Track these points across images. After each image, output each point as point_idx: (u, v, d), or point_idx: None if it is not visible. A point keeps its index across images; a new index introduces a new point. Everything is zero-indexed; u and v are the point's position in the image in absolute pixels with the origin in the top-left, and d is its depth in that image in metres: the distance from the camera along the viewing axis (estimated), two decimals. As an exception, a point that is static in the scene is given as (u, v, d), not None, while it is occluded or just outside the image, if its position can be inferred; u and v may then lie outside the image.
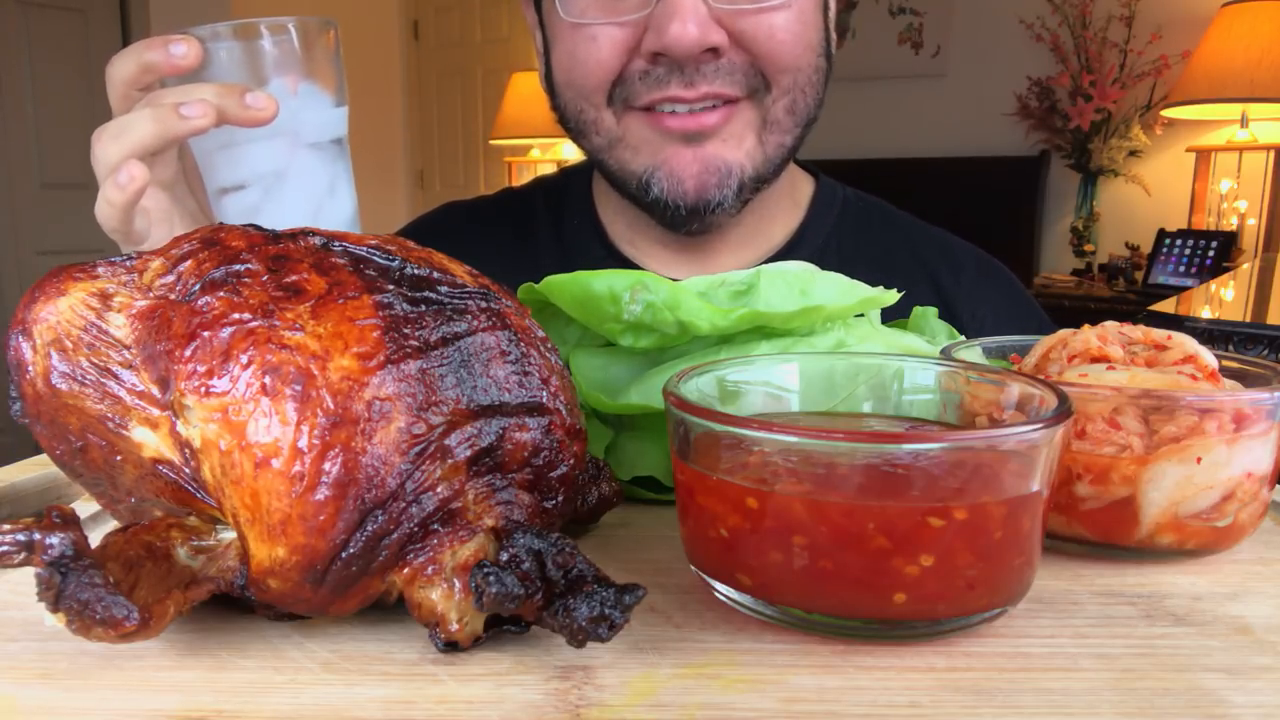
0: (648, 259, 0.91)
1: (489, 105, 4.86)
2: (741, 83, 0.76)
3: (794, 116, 0.80)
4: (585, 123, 0.81)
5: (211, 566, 0.34)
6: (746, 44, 0.75)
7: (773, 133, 0.79)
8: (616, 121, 0.79)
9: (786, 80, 0.77)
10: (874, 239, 0.94)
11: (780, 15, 0.75)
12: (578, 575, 0.33)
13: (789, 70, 0.77)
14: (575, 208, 0.96)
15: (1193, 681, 0.32)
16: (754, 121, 0.78)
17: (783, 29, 0.75)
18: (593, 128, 0.81)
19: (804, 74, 0.78)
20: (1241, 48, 2.96)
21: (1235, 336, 1.68)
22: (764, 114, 0.78)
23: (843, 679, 0.33)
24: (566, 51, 0.79)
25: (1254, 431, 0.42)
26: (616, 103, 0.78)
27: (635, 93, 0.77)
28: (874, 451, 0.34)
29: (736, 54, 0.75)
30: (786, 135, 0.80)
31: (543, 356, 0.38)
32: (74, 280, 0.38)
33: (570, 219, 0.96)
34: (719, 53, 0.74)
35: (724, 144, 0.78)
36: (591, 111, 0.80)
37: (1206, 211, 3.56)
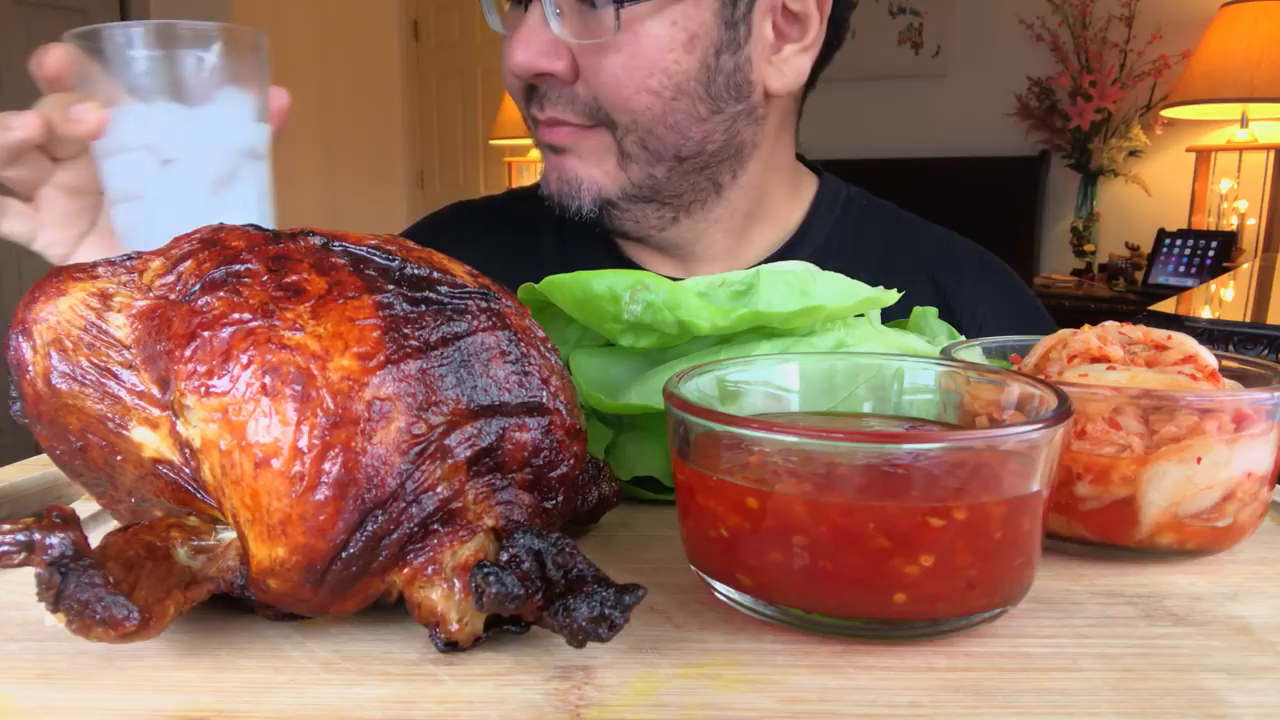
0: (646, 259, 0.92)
1: (489, 105, 4.86)
2: (583, 113, 0.80)
3: (649, 153, 0.81)
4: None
5: (211, 566, 0.34)
6: (585, 77, 0.79)
7: (634, 163, 0.82)
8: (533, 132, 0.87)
9: (624, 118, 0.79)
10: (876, 238, 0.94)
11: (611, 57, 0.77)
12: (578, 575, 0.33)
13: (622, 110, 0.79)
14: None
15: (1193, 681, 0.32)
16: (611, 147, 0.81)
17: (607, 72, 0.77)
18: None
19: (644, 115, 0.79)
20: (1241, 48, 2.96)
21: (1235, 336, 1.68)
22: (618, 144, 0.81)
23: (843, 679, 0.33)
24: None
25: (1254, 431, 0.42)
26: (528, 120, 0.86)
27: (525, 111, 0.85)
28: (874, 451, 0.34)
29: (582, 86, 0.79)
30: (653, 167, 0.82)
31: (543, 356, 0.38)
32: (74, 280, 0.38)
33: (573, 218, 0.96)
34: (565, 79, 0.78)
35: (580, 160, 0.83)
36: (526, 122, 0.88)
37: (1206, 211, 3.56)
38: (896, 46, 4.16)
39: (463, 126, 5.09)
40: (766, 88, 0.83)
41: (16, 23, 3.29)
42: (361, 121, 4.72)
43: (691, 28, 0.78)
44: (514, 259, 0.96)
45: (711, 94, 0.81)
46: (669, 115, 0.80)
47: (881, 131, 4.19)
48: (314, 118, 4.41)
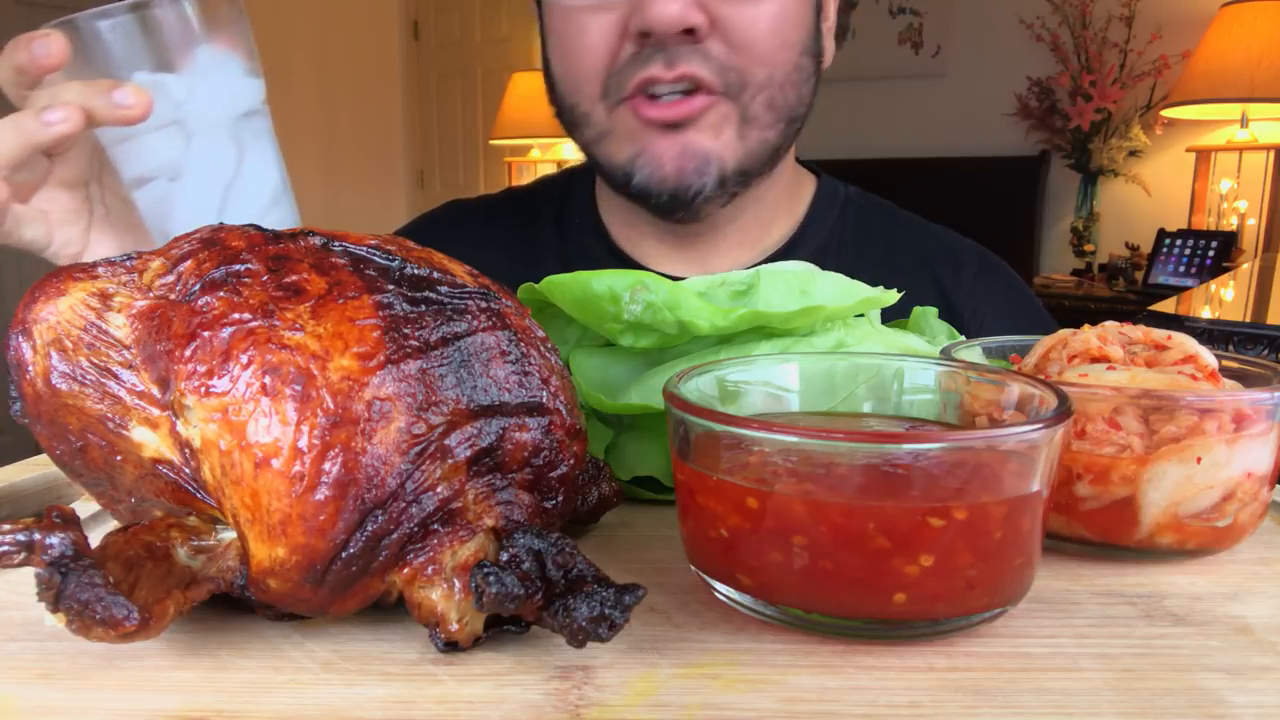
0: (647, 256, 0.91)
1: (489, 105, 4.86)
2: (717, 72, 0.77)
3: (774, 112, 0.80)
4: (579, 115, 0.83)
5: (211, 566, 0.34)
6: (725, 32, 0.76)
7: (753, 127, 0.80)
8: (606, 115, 0.81)
9: (762, 74, 0.78)
10: (875, 237, 0.94)
11: (761, 8, 0.76)
12: (578, 575, 0.33)
13: (764, 64, 0.77)
14: (577, 206, 0.97)
15: (1193, 681, 0.32)
16: (732, 116, 0.79)
17: (763, 21, 0.76)
18: (585, 120, 0.83)
19: (781, 70, 0.79)
20: (1241, 48, 2.96)
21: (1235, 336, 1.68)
22: (742, 109, 0.79)
23: (843, 679, 0.33)
24: (560, 43, 0.82)
25: (1254, 431, 0.42)
26: (609, 96, 0.80)
27: (623, 80, 0.78)
28: (874, 451, 0.34)
29: (715, 43, 0.76)
30: (768, 130, 0.81)
31: (543, 356, 0.38)
32: (74, 280, 0.38)
33: (572, 218, 0.96)
34: (698, 36, 0.75)
35: (702, 133, 0.79)
36: (585, 104, 0.82)
37: (1206, 211, 3.56)
38: (896, 46, 4.16)
39: (463, 126, 5.09)
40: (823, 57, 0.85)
41: (16, 23, 3.29)
42: (361, 121, 4.72)
43: None
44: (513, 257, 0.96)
45: (814, 52, 0.82)
46: (796, 71, 0.80)
47: (881, 131, 4.19)
48: (314, 118, 4.41)
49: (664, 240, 0.91)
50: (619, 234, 0.93)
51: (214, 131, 0.59)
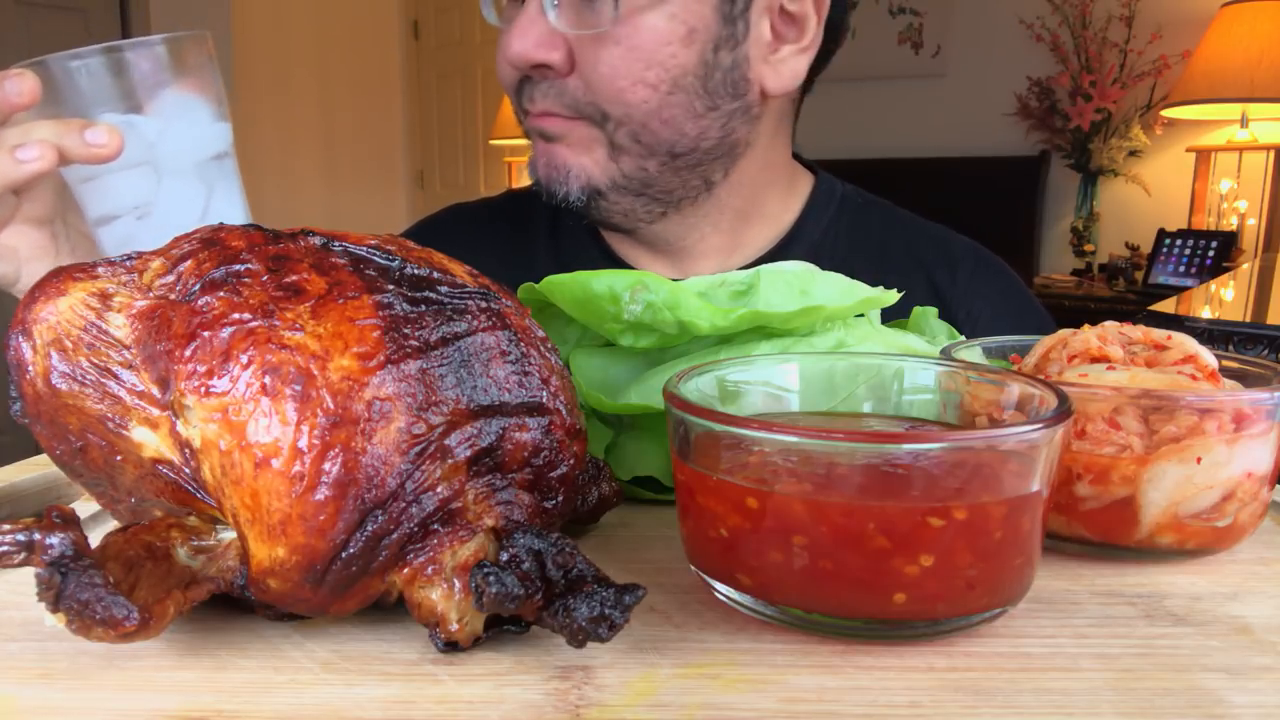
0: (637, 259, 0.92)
1: (489, 105, 4.86)
2: (573, 107, 0.79)
3: (642, 146, 0.81)
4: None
5: (211, 566, 0.34)
6: (581, 70, 0.78)
7: (625, 155, 0.81)
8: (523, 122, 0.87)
9: (617, 111, 0.79)
10: (871, 235, 0.94)
11: (606, 50, 0.77)
12: (578, 575, 0.33)
13: (616, 102, 0.78)
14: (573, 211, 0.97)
15: (1193, 681, 0.32)
16: (600, 139, 0.81)
17: (605, 64, 0.77)
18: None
19: (638, 110, 0.79)
20: (1241, 48, 2.96)
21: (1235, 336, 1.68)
22: (609, 137, 0.81)
23: (843, 679, 0.33)
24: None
25: (1254, 431, 0.42)
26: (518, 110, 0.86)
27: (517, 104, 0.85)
28: (874, 451, 0.34)
29: (574, 79, 0.79)
30: (645, 160, 0.82)
31: (543, 356, 0.38)
32: (74, 280, 0.38)
33: (567, 220, 0.96)
34: (557, 71, 0.78)
35: (569, 148, 0.82)
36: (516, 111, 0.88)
37: (1206, 211, 3.56)
38: (896, 46, 4.16)
39: (463, 126, 5.09)
40: (763, 87, 0.83)
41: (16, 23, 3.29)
42: (361, 121, 4.72)
43: (691, 21, 0.77)
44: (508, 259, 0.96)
45: (708, 90, 0.81)
46: (664, 110, 0.79)
47: (881, 131, 4.19)
48: (314, 118, 4.41)
49: (645, 249, 0.92)
50: (611, 236, 0.94)
51: (183, 173, 0.60)
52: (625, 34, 0.76)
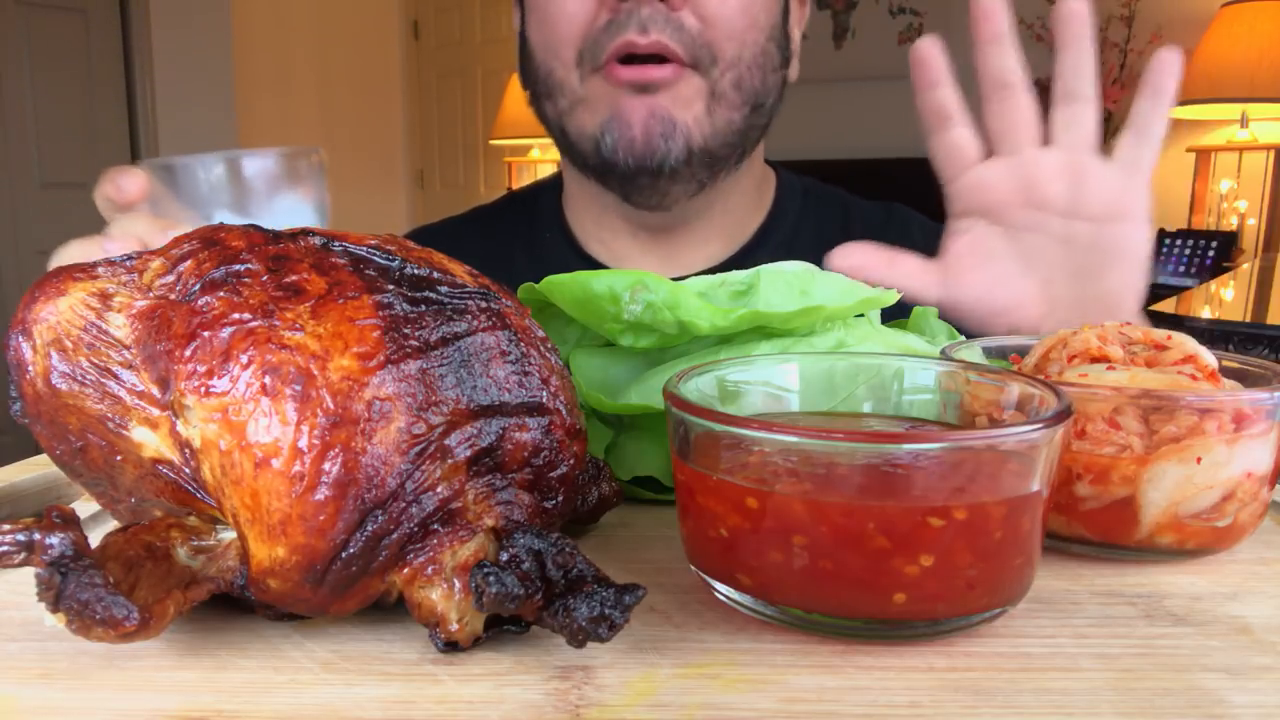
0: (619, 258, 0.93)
1: (489, 105, 4.86)
2: (689, 44, 0.79)
3: (740, 93, 0.82)
4: (553, 84, 0.84)
5: (211, 566, 0.34)
6: (696, 5, 0.78)
7: (720, 105, 0.81)
8: (580, 83, 0.82)
9: (730, 51, 0.80)
10: (834, 222, 0.98)
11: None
12: (578, 575, 0.33)
13: (732, 40, 0.79)
14: (546, 220, 0.99)
15: (1193, 681, 0.32)
16: (702, 90, 0.81)
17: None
18: (559, 89, 0.84)
19: (749, 50, 0.81)
20: (1241, 48, 2.96)
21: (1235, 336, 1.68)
22: (711, 84, 0.81)
23: (843, 679, 0.33)
24: (540, 12, 0.84)
25: (1254, 431, 0.42)
26: (584, 64, 0.81)
27: (598, 48, 0.80)
28: (874, 451, 0.34)
29: (688, 15, 0.78)
30: (734, 112, 0.82)
31: (543, 356, 0.38)
32: (74, 280, 0.38)
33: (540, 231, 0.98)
34: (672, 3, 0.78)
35: (672, 101, 0.80)
36: (560, 71, 0.83)
37: (1206, 211, 3.56)
38: (896, 46, 4.16)
39: (463, 126, 5.09)
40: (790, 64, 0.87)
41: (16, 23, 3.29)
42: (361, 121, 4.72)
43: None
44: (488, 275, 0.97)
45: (780, 44, 0.85)
46: (762, 56, 0.82)
47: (881, 131, 4.18)
48: (314, 118, 4.41)
49: (636, 236, 0.92)
50: (589, 239, 0.95)
51: None
52: None
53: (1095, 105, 0.69)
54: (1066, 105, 0.69)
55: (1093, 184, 0.69)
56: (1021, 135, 0.69)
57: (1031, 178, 0.70)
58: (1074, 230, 0.70)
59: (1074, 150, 0.69)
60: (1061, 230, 0.70)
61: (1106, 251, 0.69)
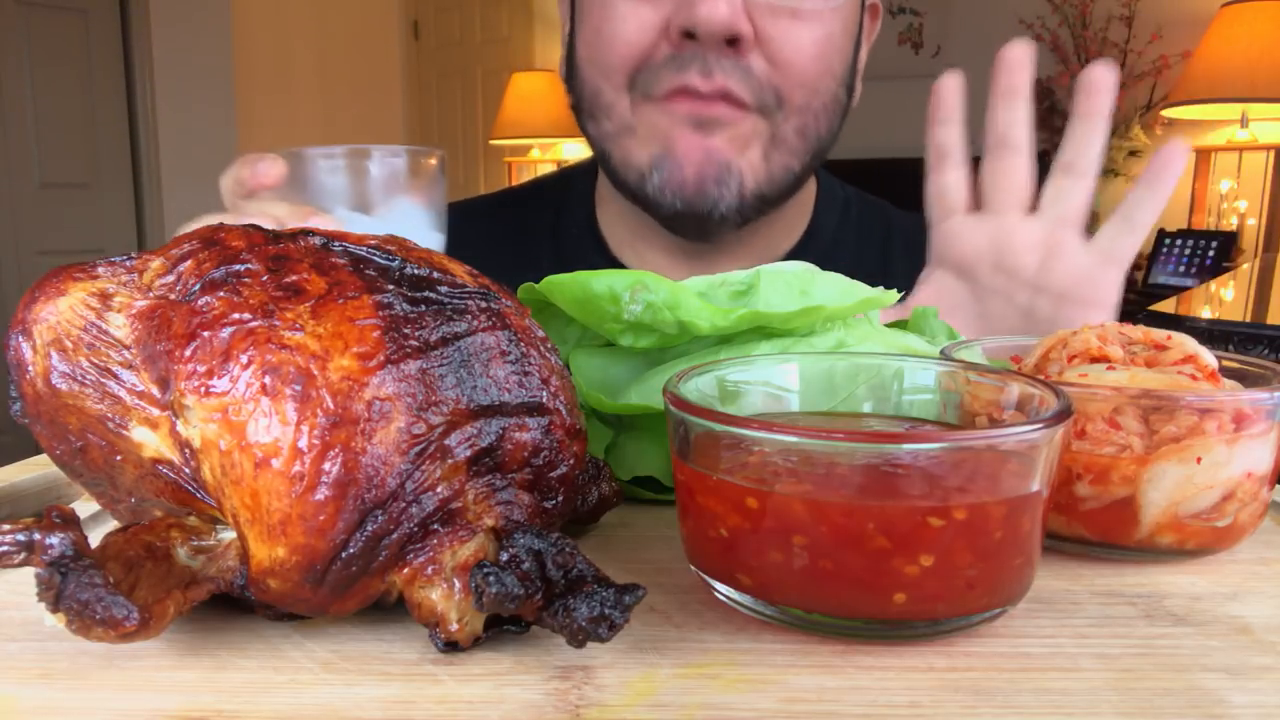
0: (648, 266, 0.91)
1: (489, 105, 4.86)
2: (755, 91, 0.74)
3: (804, 141, 0.78)
4: (600, 105, 0.79)
5: (211, 566, 0.34)
6: (770, 48, 0.74)
7: (780, 152, 0.77)
8: (631, 109, 0.78)
9: (800, 98, 0.75)
10: (874, 235, 0.95)
11: (809, 28, 0.74)
12: (578, 575, 0.33)
13: (804, 87, 0.75)
14: (575, 212, 0.95)
15: (1193, 681, 0.32)
16: (763, 133, 0.76)
17: (810, 44, 0.74)
18: (606, 112, 0.79)
19: (820, 98, 0.77)
20: (1241, 48, 2.96)
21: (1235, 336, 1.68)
22: (774, 130, 0.76)
23: (843, 679, 0.33)
24: (594, 28, 0.78)
25: (1254, 431, 0.42)
26: (636, 90, 0.77)
27: (655, 80, 0.75)
28: (874, 451, 0.34)
29: (757, 59, 0.74)
30: (794, 160, 0.78)
31: (543, 356, 0.38)
32: (74, 280, 0.38)
33: (568, 225, 0.95)
34: (741, 48, 0.73)
35: (730, 143, 0.76)
36: (609, 93, 0.78)
37: (1206, 211, 3.56)
38: (896, 46, 4.16)
39: (463, 126, 5.09)
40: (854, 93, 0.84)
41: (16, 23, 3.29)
42: (361, 121, 4.72)
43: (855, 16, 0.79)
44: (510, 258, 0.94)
45: (848, 87, 0.81)
46: (832, 102, 0.78)
47: (882, 131, 4.17)
48: (314, 118, 4.41)
49: (671, 253, 0.88)
50: (619, 245, 0.91)
51: None
52: (827, 18, 0.74)
53: (1091, 182, 0.67)
54: (1063, 177, 0.68)
55: (1066, 263, 0.67)
56: (1010, 199, 0.68)
57: (1008, 243, 0.68)
58: (1036, 303, 0.69)
59: (1057, 224, 0.68)
60: (1025, 300, 0.69)
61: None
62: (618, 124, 0.79)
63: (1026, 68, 0.67)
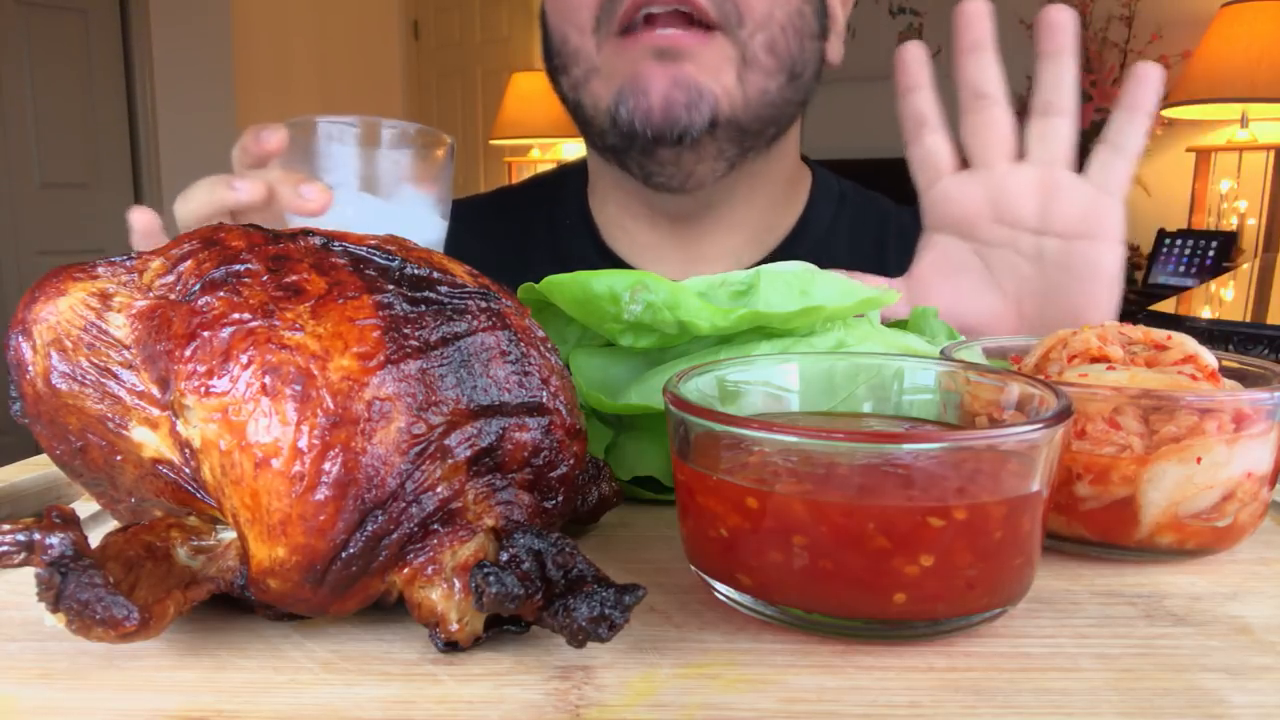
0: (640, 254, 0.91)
1: (489, 105, 4.86)
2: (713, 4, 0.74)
3: (775, 58, 0.77)
4: (568, 54, 0.80)
5: (211, 566, 0.34)
6: None
7: (753, 71, 0.77)
8: (596, 50, 0.78)
9: (761, 11, 0.75)
10: (869, 229, 0.95)
11: None
12: (578, 575, 0.33)
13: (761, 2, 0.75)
14: (569, 206, 0.96)
15: (1193, 681, 0.32)
16: (732, 55, 0.76)
17: None
18: (574, 58, 0.80)
19: (780, 9, 0.76)
20: (1241, 48, 2.96)
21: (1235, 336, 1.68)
22: (741, 48, 0.76)
23: (843, 679, 0.33)
24: None
25: (1254, 431, 0.42)
26: (600, 29, 0.77)
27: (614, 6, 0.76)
28: (874, 451, 0.34)
29: None
30: (769, 80, 0.78)
31: (543, 356, 0.38)
32: (74, 280, 0.38)
33: (563, 218, 0.96)
34: None
35: (699, 69, 0.76)
36: (575, 37, 0.79)
37: (1206, 211, 3.56)
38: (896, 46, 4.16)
39: (463, 126, 5.09)
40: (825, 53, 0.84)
41: (16, 23, 3.29)
42: (361, 122, 4.72)
43: None
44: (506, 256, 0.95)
45: (816, 12, 0.81)
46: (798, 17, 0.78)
47: (882, 131, 4.16)
48: (314, 117, 4.41)
49: (657, 227, 0.89)
50: (611, 233, 0.93)
51: None
52: None
53: (1073, 119, 0.67)
54: (1043, 118, 0.68)
55: (1064, 200, 0.67)
56: (995, 149, 0.68)
57: (1002, 193, 0.68)
58: (1044, 246, 0.68)
59: (1047, 165, 0.67)
60: (1031, 247, 0.69)
61: (1076, 269, 0.68)
62: (585, 67, 0.80)
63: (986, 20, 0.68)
